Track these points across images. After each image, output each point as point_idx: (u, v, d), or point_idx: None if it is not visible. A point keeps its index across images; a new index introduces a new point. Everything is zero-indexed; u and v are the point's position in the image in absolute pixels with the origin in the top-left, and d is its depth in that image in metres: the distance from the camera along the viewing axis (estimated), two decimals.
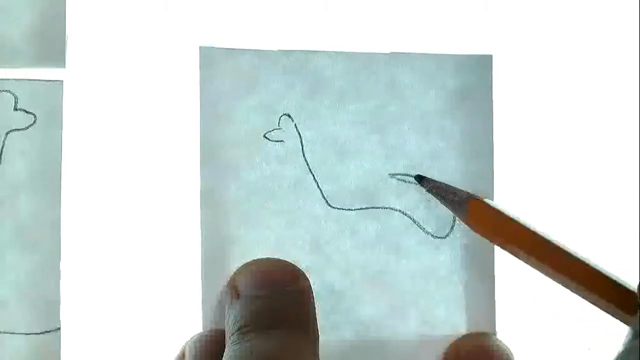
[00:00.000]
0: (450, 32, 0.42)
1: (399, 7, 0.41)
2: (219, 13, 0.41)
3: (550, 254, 0.35)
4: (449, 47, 0.40)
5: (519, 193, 0.42)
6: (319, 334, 0.36)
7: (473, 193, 0.38)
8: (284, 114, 0.39)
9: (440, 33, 0.42)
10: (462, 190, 0.38)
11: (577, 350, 0.42)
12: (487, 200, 0.37)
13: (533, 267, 0.35)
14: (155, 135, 0.40)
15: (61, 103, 0.38)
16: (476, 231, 0.37)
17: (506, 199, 0.40)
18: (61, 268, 0.38)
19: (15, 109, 0.38)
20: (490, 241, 0.37)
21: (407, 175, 0.40)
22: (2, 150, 0.38)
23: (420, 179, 0.39)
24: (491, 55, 0.40)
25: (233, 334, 0.35)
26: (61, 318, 0.38)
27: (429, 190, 0.38)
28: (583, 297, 0.34)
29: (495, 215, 0.36)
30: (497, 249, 0.39)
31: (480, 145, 0.40)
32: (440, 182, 0.39)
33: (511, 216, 0.36)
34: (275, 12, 0.41)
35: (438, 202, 0.39)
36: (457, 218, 0.39)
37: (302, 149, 0.39)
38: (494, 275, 0.40)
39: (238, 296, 0.36)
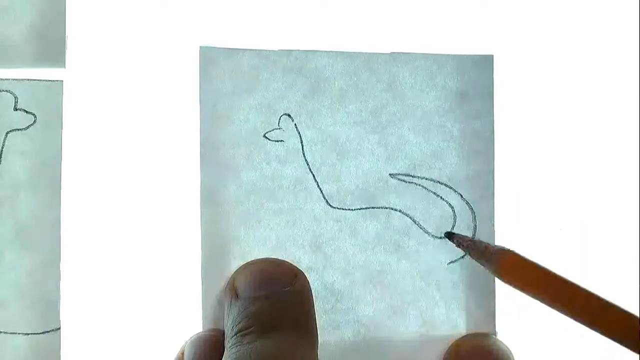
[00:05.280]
0: (451, 32, 0.42)
1: (399, 7, 0.41)
2: (219, 13, 0.41)
3: (582, 301, 0.35)
4: (449, 47, 0.40)
5: (520, 193, 0.42)
6: (319, 334, 0.36)
7: (502, 246, 0.37)
8: (284, 114, 0.39)
9: (440, 33, 0.42)
10: (492, 245, 0.38)
11: (577, 350, 0.42)
12: (517, 253, 0.37)
13: (564, 314, 0.35)
14: (155, 135, 0.40)
15: (61, 103, 0.38)
16: (507, 283, 0.37)
17: (506, 199, 0.40)
18: (61, 268, 0.38)
19: (15, 109, 0.38)
20: (523, 292, 0.37)
21: (407, 175, 0.40)
22: (2, 150, 0.38)
23: (449, 236, 0.39)
24: (492, 56, 0.40)
25: (232, 337, 0.35)
26: (61, 318, 0.38)
27: (458, 246, 0.39)
28: (615, 341, 0.34)
29: (527, 267, 0.36)
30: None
31: (480, 145, 0.40)
32: (469, 237, 0.39)
33: (542, 267, 0.36)
34: (275, 12, 0.41)
35: (438, 202, 0.39)
36: (457, 220, 0.39)
37: (302, 149, 0.39)
38: (494, 276, 0.39)
39: (237, 297, 0.36)
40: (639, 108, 0.43)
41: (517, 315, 0.41)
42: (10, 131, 0.38)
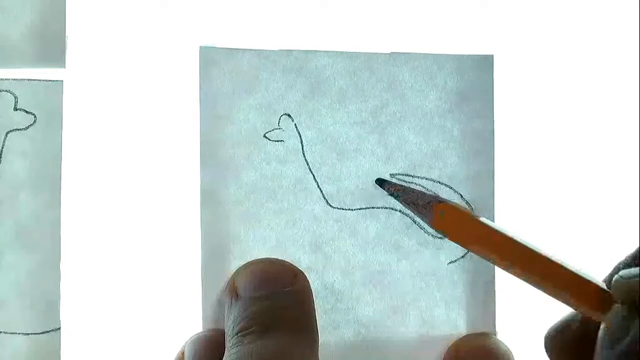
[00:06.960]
0: (451, 32, 0.42)
1: (399, 7, 0.41)
2: (219, 13, 0.41)
3: (518, 254, 0.34)
4: (449, 47, 0.40)
5: (520, 193, 0.42)
6: (319, 334, 0.36)
7: (437, 195, 0.37)
8: (284, 114, 0.39)
9: (440, 33, 0.42)
10: (427, 194, 0.38)
11: None
12: (451, 203, 0.37)
13: (502, 268, 0.35)
14: (155, 135, 0.40)
15: (61, 103, 0.38)
16: (444, 234, 0.36)
17: (506, 199, 0.40)
18: (61, 268, 0.38)
19: (15, 109, 0.38)
20: (459, 244, 0.36)
21: (407, 175, 0.40)
22: (2, 150, 0.38)
23: (381, 183, 0.39)
24: (492, 56, 0.40)
25: (233, 337, 0.35)
26: (61, 318, 0.38)
27: (391, 194, 0.38)
28: (553, 297, 0.34)
29: (461, 218, 0.36)
30: None
31: (480, 145, 0.40)
32: (403, 185, 0.38)
33: (478, 218, 0.36)
34: (275, 12, 0.41)
35: None
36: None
37: (302, 149, 0.39)
38: (494, 275, 0.40)
39: (237, 297, 0.36)
40: (639, 108, 0.43)
41: (517, 315, 0.41)
42: (10, 131, 0.38)
